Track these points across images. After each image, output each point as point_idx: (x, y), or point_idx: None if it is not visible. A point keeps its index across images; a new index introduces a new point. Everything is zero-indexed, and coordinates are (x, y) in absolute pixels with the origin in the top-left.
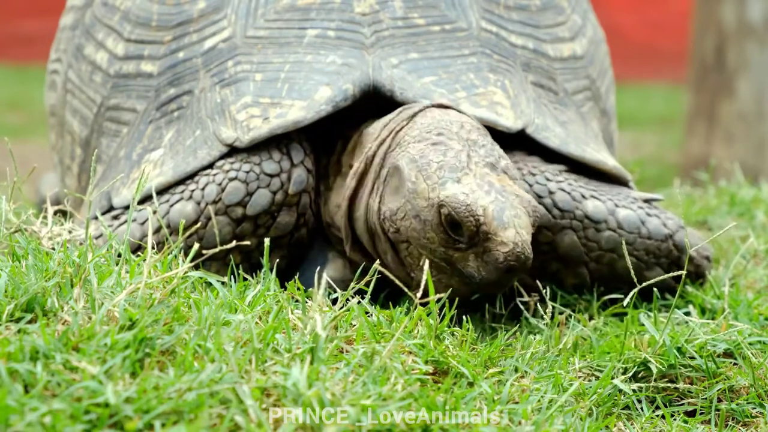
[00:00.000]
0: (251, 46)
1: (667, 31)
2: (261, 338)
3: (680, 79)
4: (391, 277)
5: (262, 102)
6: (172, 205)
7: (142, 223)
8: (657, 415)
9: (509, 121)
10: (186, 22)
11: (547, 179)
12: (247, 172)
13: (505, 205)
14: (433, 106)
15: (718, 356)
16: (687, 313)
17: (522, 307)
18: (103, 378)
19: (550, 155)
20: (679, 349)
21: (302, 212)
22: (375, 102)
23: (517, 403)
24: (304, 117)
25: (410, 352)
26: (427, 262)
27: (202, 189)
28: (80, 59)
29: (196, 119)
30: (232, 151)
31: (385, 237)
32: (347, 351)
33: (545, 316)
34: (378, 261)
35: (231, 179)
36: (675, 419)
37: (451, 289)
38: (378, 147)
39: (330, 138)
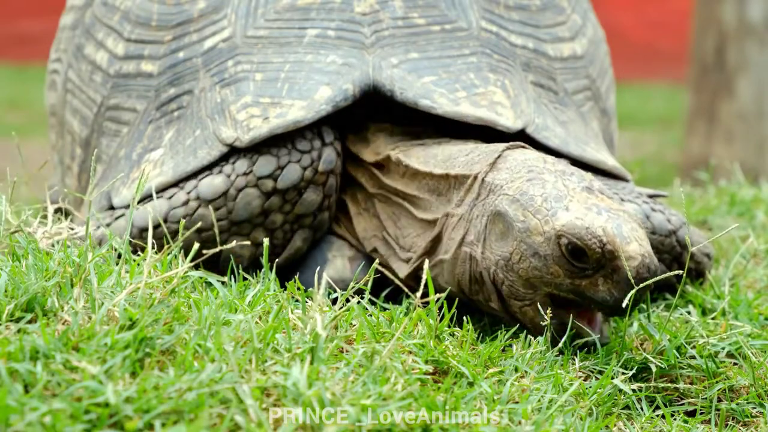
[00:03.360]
0: (251, 45)
1: (667, 30)
2: (261, 338)
3: (680, 79)
4: (391, 276)
5: (262, 102)
6: (200, 180)
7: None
8: (657, 415)
9: (509, 121)
10: (186, 21)
11: None
12: (279, 147)
13: (620, 221)
14: (507, 148)
15: (718, 356)
16: (687, 313)
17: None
18: (103, 378)
19: (551, 155)
20: (678, 349)
21: (328, 194)
22: (375, 101)
23: (517, 403)
24: (304, 117)
25: (410, 352)
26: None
27: (233, 163)
28: (80, 59)
29: (196, 119)
30: (232, 151)
31: (492, 284)
32: (347, 351)
33: (546, 316)
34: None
35: (262, 153)
36: (675, 419)
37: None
38: (462, 198)
39: None
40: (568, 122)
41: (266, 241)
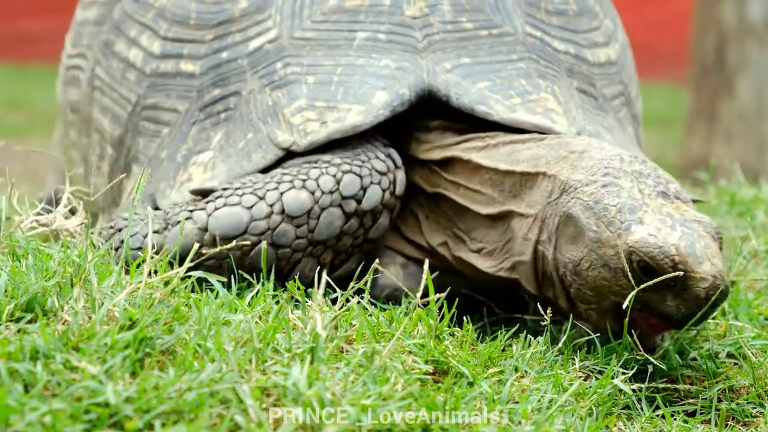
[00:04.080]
0: (299, 47)
1: (667, 31)
2: (261, 338)
3: (680, 79)
4: (398, 283)
5: (317, 105)
6: (282, 193)
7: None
8: (657, 415)
9: (563, 128)
10: (228, 21)
11: None
12: (360, 167)
13: (694, 238)
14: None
15: (718, 356)
16: None
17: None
18: (103, 378)
19: None
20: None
21: (393, 219)
22: (424, 107)
23: (517, 403)
24: (363, 121)
25: (410, 352)
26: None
27: (316, 179)
28: (109, 56)
29: (247, 121)
30: (288, 155)
31: (560, 284)
32: (347, 351)
33: (546, 316)
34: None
35: (345, 172)
36: (675, 419)
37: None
38: (534, 198)
39: None
40: (611, 129)
41: (264, 242)
